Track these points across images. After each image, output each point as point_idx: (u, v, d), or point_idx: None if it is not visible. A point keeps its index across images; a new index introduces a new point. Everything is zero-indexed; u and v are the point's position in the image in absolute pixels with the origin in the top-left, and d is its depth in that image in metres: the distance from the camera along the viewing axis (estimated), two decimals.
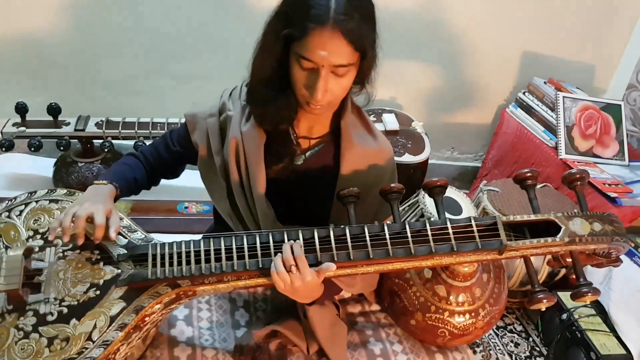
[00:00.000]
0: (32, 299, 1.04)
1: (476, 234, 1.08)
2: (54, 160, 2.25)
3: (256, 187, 1.20)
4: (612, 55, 2.76)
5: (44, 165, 2.29)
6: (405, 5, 2.40)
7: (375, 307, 1.50)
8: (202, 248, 1.06)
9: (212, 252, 1.06)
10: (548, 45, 2.67)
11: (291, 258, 1.01)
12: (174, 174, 1.38)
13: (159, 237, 1.16)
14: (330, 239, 1.06)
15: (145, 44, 2.33)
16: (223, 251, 1.06)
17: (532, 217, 1.15)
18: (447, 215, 1.83)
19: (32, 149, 1.94)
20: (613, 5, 2.57)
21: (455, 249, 1.07)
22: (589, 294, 1.07)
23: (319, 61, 0.99)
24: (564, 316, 1.84)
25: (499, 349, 1.92)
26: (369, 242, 1.06)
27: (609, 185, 1.99)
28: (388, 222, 1.13)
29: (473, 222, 1.09)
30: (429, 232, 1.08)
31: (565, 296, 1.87)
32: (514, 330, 2.01)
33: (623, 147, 2.31)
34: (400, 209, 1.77)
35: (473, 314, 1.35)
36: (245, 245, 1.06)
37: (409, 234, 1.07)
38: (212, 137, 1.23)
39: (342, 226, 1.09)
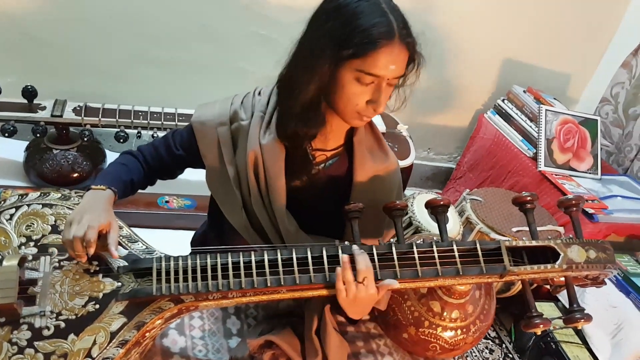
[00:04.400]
0: (26, 311, 0.98)
1: (481, 259, 1.09)
2: (26, 143, 2.12)
3: (277, 200, 1.18)
4: (586, 68, 2.85)
5: (13, 149, 2.15)
6: None
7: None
8: (208, 263, 1.03)
9: (219, 268, 1.03)
10: (526, 52, 2.73)
11: (365, 270, 1.01)
12: (172, 175, 1.34)
13: (138, 232, 1.14)
14: (339, 258, 1.05)
15: (131, 27, 2.21)
16: (230, 267, 1.03)
17: (534, 243, 1.16)
18: (434, 223, 1.86)
19: (6, 134, 1.83)
20: (592, 18, 2.64)
21: (460, 273, 1.08)
22: (582, 319, 1.11)
23: (387, 75, 1.02)
24: None
25: (475, 355, 1.98)
26: (377, 263, 1.06)
27: (586, 201, 2.06)
28: (392, 239, 1.13)
29: (478, 247, 1.10)
30: (436, 255, 1.08)
31: (540, 307, 1.93)
32: (488, 336, 2.07)
33: (597, 161, 2.40)
34: None
35: (464, 330, 1.37)
36: (253, 262, 1.04)
37: (416, 256, 1.07)
38: (225, 147, 1.19)
39: (347, 243, 1.08)
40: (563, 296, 2.03)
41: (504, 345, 2.05)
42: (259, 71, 2.35)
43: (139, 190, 1.30)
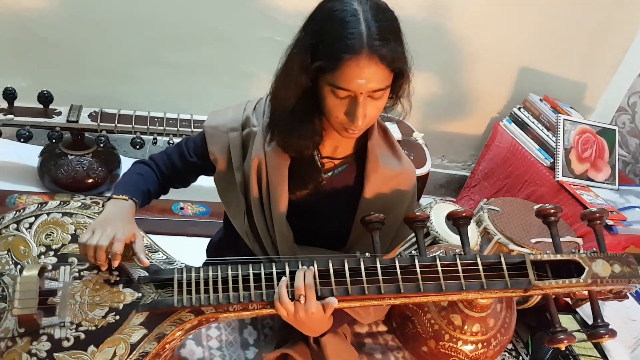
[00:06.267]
0: (46, 322, 0.97)
1: (506, 273, 1.07)
2: (40, 148, 2.12)
3: (277, 208, 1.16)
4: (602, 76, 2.82)
5: (28, 154, 2.15)
6: (407, 13, 2.37)
7: (383, 327, 1.49)
8: (229, 274, 1.02)
9: (240, 280, 1.02)
10: (542, 60, 2.70)
11: (302, 287, 0.98)
12: (186, 184, 1.33)
13: (153, 239, 1.13)
14: (360, 270, 1.04)
15: (142, 30, 2.20)
16: (251, 279, 1.02)
17: (559, 256, 1.14)
18: (452, 234, 1.84)
19: (22, 139, 1.83)
20: (609, 26, 2.61)
21: (485, 287, 1.06)
22: (607, 335, 1.09)
23: (357, 89, 0.96)
24: None
25: None
26: (399, 276, 1.04)
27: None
28: (414, 252, 1.11)
29: (503, 260, 1.08)
30: (460, 269, 1.06)
31: None
32: (505, 348, 2.04)
33: (614, 171, 2.37)
34: None
35: (485, 344, 1.35)
36: (274, 273, 1.03)
37: (439, 269, 1.05)
38: (234, 152, 1.18)
39: (368, 255, 1.06)
40: (581, 309, 2.00)
41: (520, 358, 2.02)
42: (270, 77, 2.34)
43: None
